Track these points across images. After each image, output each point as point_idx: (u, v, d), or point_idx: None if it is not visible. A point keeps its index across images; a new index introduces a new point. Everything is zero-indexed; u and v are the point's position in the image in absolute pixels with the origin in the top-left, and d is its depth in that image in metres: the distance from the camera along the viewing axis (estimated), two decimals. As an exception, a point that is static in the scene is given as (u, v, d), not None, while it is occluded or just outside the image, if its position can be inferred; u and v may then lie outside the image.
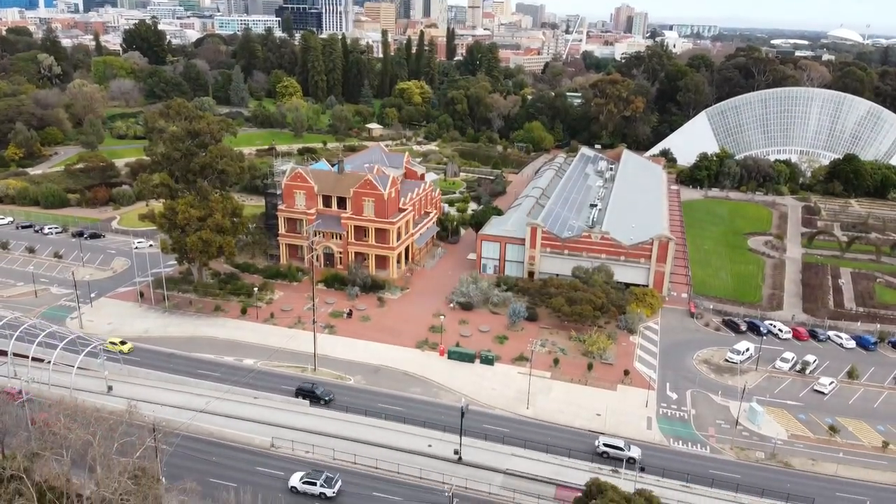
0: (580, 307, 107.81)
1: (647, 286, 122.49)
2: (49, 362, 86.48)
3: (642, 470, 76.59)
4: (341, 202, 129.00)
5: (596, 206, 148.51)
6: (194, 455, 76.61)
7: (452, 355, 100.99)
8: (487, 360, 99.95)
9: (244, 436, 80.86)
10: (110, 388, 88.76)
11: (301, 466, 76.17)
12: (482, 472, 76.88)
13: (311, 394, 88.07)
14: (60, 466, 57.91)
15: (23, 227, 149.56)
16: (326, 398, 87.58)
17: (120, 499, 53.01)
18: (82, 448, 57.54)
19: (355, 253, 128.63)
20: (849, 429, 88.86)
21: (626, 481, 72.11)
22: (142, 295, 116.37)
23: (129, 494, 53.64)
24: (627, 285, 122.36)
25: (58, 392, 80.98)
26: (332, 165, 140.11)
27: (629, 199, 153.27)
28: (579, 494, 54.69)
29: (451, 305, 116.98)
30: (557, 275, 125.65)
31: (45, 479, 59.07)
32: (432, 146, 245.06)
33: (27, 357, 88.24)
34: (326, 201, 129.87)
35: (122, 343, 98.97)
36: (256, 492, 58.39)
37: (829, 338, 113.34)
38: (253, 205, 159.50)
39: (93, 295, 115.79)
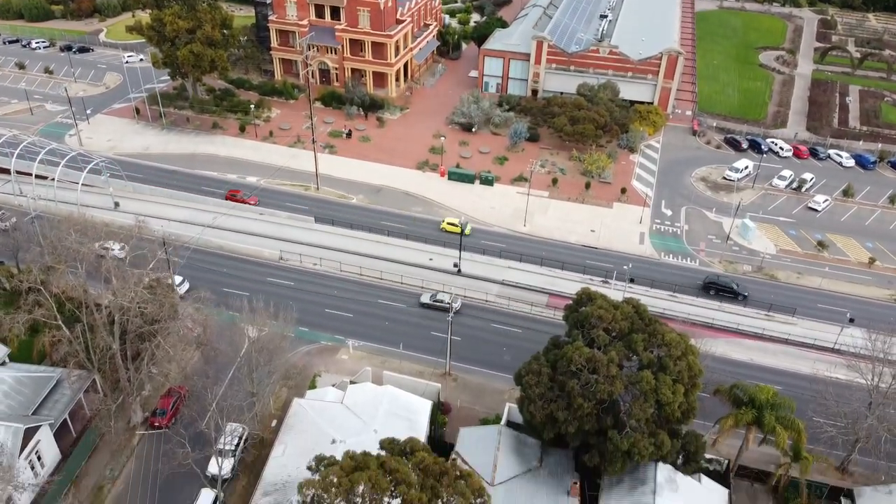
0: (583, 126, 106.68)
1: (651, 103, 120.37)
2: (53, 179, 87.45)
3: (632, 281, 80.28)
4: (335, 13, 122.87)
5: (606, 16, 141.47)
6: (206, 267, 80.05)
7: (452, 176, 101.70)
8: (487, 181, 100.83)
9: (253, 249, 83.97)
10: (117, 204, 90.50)
11: (310, 277, 79.90)
12: (480, 282, 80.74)
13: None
14: (76, 278, 60.54)
15: (9, 43, 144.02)
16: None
17: (138, 307, 56.10)
18: (96, 261, 59.91)
19: (352, 69, 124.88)
20: (838, 245, 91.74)
21: (615, 291, 75.98)
22: (138, 111, 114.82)
23: (146, 303, 56.68)
24: (632, 103, 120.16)
25: (65, 208, 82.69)
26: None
27: (641, 9, 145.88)
28: (570, 302, 57.77)
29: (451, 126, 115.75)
30: (562, 93, 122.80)
31: (63, 291, 62.09)
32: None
33: (30, 175, 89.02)
34: (319, 11, 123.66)
35: (460, 225, 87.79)
36: (269, 300, 61.65)
37: (828, 156, 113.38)
38: (243, 15, 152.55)
39: (88, 112, 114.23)
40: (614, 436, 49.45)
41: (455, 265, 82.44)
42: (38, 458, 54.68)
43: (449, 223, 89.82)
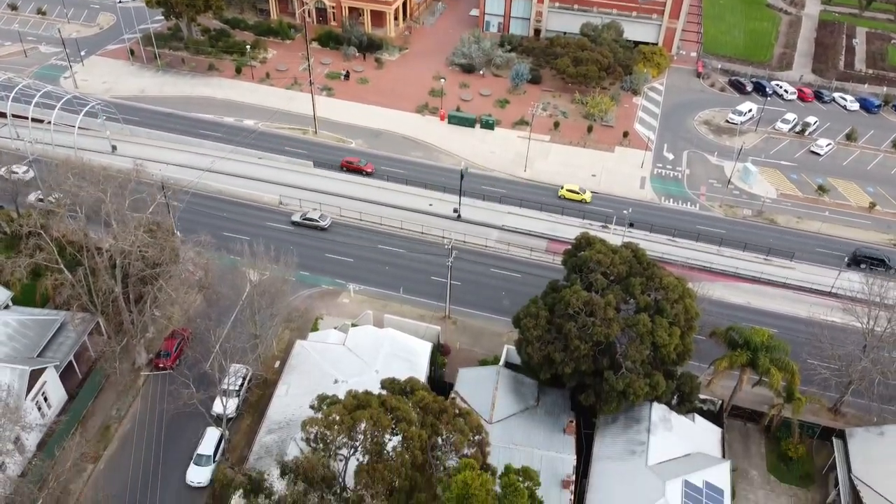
0: (586, 68, 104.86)
1: (656, 44, 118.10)
2: (49, 122, 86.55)
3: (631, 225, 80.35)
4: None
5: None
6: (205, 211, 80.00)
7: (452, 120, 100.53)
8: (487, 125, 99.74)
9: (252, 194, 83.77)
10: (114, 147, 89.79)
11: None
12: (479, 228, 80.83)
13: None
14: (76, 222, 60.54)
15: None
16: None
17: (139, 251, 56.31)
18: (95, 205, 59.79)
19: (349, 8, 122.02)
20: (839, 189, 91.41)
21: (614, 235, 76.13)
22: (132, 53, 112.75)
23: (147, 247, 56.86)
24: (636, 44, 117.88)
25: (62, 152, 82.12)
26: None
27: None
28: (569, 247, 57.97)
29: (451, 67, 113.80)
30: (565, 33, 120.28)
31: (63, 235, 62.19)
32: None
33: (26, 118, 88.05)
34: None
35: (581, 191, 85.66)
36: (269, 244, 61.84)
37: (833, 100, 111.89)
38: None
39: (83, 53, 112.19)
40: (610, 376, 50.34)
41: (455, 211, 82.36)
42: (45, 399, 55.78)
43: (569, 190, 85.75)
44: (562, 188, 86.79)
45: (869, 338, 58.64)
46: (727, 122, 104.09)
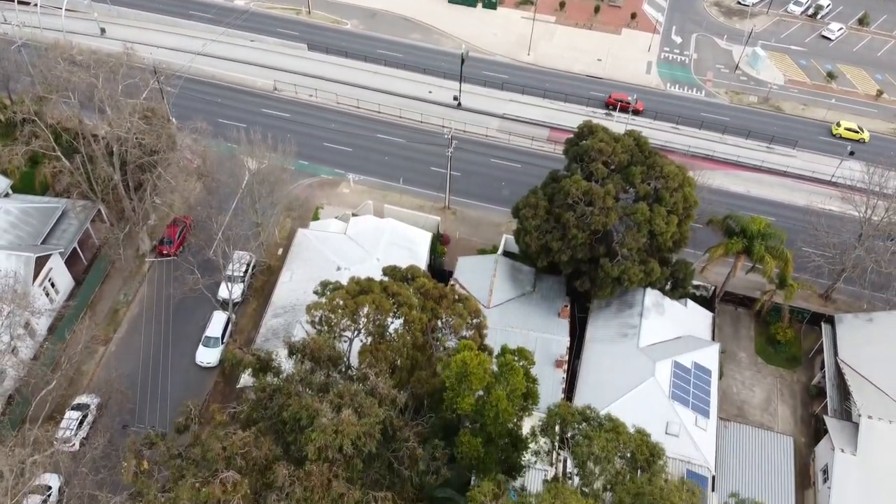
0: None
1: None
2: (36, 4, 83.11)
3: (635, 113, 79.03)
4: None
5: None
6: (199, 97, 78.35)
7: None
8: (490, 4, 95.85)
9: (247, 79, 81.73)
10: (103, 30, 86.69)
11: (306, 109, 78.60)
12: (480, 116, 79.50)
13: None
14: (70, 109, 59.48)
15: None
16: None
17: (135, 137, 55.68)
18: (88, 90, 58.48)
19: None
20: (847, 76, 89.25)
21: (618, 123, 75.07)
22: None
23: (144, 134, 56.18)
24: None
25: (51, 35, 79.30)
26: None
27: None
28: (571, 136, 57.33)
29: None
30: None
31: (58, 122, 61.22)
32: None
33: (13, 1, 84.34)
34: None
35: (860, 130, 79.57)
36: (265, 132, 61.03)
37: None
38: None
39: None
40: (606, 264, 51.20)
41: (455, 98, 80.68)
42: (52, 285, 56.92)
43: (847, 129, 79.45)
44: (837, 125, 79.99)
45: (865, 226, 59.15)
46: (738, 3, 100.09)
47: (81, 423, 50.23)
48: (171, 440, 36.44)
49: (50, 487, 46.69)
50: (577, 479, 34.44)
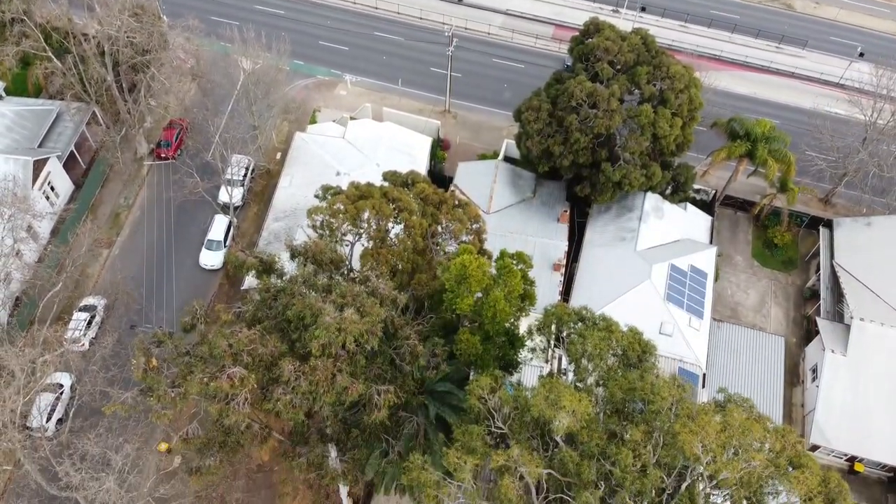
0: None
1: None
2: None
3: (643, 10, 76.49)
4: None
5: None
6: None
7: None
8: None
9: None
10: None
11: (300, 5, 75.88)
12: (482, 12, 76.90)
13: None
14: (59, 7, 57.62)
15: None
16: None
17: (126, 36, 54.15)
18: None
19: None
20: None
21: (625, 21, 72.72)
22: None
23: (134, 32, 54.59)
24: None
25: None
26: None
27: None
28: (577, 34, 55.66)
29: None
30: None
31: (48, 21, 59.34)
32: None
33: None
34: None
35: None
36: (259, 30, 59.18)
37: None
38: None
39: None
40: (607, 168, 50.95)
41: (456, -6, 77.82)
42: (52, 189, 56.86)
43: None
44: None
45: (870, 130, 58.46)
46: None
47: (90, 323, 51.44)
48: (179, 339, 37.45)
49: (62, 385, 48.44)
50: (571, 375, 35.63)
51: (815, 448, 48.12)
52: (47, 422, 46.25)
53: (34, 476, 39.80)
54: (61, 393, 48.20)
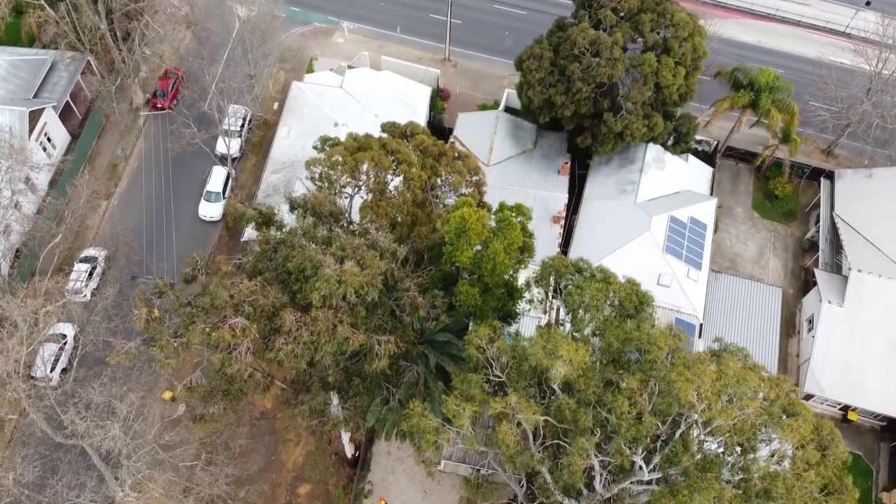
0: None
1: None
2: None
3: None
4: None
5: None
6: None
7: None
8: None
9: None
10: None
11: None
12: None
13: None
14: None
15: None
16: None
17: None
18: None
19: None
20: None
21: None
22: None
23: (127, -22, 53.57)
24: None
25: None
26: None
27: None
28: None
29: None
30: None
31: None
32: None
33: None
34: None
35: None
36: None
37: None
38: None
39: None
40: (609, 118, 50.45)
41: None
42: (49, 140, 56.40)
43: None
44: None
45: (875, 80, 57.69)
46: None
47: (91, 274, 51.69)
48: (180, 290, 37.66)
49: (65, 336, 48.96)
50: (568, 326, 35.99)
51: (808, 397, 48.91)
52: (51, 372, 46.96)
53: (40, 424, 40.49)
54: (64, 343, 48.76)
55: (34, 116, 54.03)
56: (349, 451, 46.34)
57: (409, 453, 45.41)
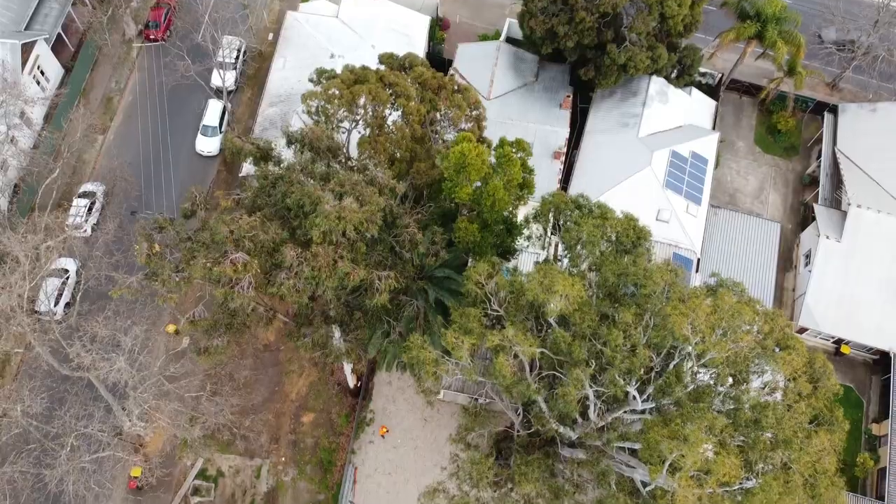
0: None
1: None
2: None
3: None
4: None
5: None
6: None
7: None
8: None
9: None
10: None
11: None
12: None
13: None
14: None
15: None
16: None
17: None
18: None
19: None
20: None
21: None
22: None
23: None
24: None
25: None
26: None
27: None
28: None
29: None
30: None
31: None
32: None
33: None
34: None
35: None
36: None
37: None
38: None
39: None
40: (612, 49, 49.45)
41: None
42: (42, 73, 55.41)
43: None
44: None
45: (882, 13, 56.30)
46: None
47: (90, 209, 51.71)
48: (180, 225, 37.81)
49: (67, 271, 49.36)
50: (566, 262, 36.27)
51: (802, 330, 49.65)
52: (55, 306, 47.54)
53: (46, 358, 41.29)
54: (67, 278, 49.20)
55: (27, 49, 52.94)
56: (351, 381, 47.43)
57: (410, 383, 46.48)
